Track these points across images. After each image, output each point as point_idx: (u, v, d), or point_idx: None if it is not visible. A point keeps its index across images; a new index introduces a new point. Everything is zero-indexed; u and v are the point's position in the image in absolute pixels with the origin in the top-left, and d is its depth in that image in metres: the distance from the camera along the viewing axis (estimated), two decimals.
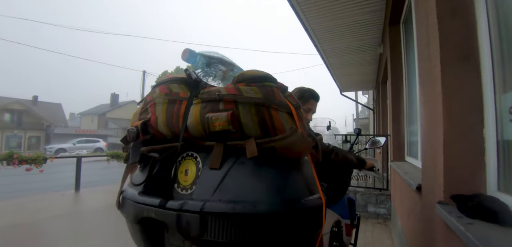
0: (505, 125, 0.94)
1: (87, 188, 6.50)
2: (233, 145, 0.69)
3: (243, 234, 0.61)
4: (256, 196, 0.63)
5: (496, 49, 0.99)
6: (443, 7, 1.16)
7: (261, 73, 0.73)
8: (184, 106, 0.74)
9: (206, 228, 0.61)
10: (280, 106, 0.70)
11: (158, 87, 0.83)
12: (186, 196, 0.68)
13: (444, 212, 0.98)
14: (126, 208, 0.81)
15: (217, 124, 0.67)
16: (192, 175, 0.70)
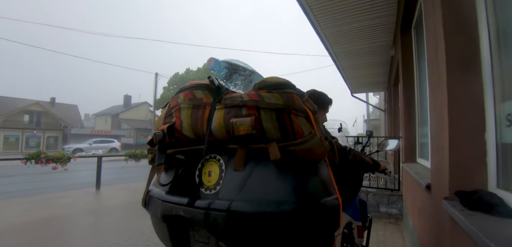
0: (503, 130, 1.06)
1: (107, 186, 6.84)
2: (256, 147, 0.73)
3: (268, 232, 0.65)
4: (279, 196, 0.67)
5: (495, 62, 1.12)
6: (449, 22, 1.29)
7: (281, 81, 0.78)
8: (208, 111, 0.79)
9: (232, 225, 0.65)
10: (299, 111, 0.74)
11: (182, 92, 0.87)
12: (210, 195, 0.72)
13: (449, 206, 1.12)
14: (154, 206, 0.83)
15: (242, 128, 0.71)
16: (215, 176, 0.74)
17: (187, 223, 0.74)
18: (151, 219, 0.91)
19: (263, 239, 0.66)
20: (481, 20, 1.19)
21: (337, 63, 6.31)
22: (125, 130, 38.09)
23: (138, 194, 6.11)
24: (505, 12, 1.09)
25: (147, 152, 0.96)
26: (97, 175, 6.71)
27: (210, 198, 0.71)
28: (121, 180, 7.96)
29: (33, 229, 3.63)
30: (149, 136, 0.88)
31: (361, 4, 3.62)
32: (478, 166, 1.16)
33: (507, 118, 1.02)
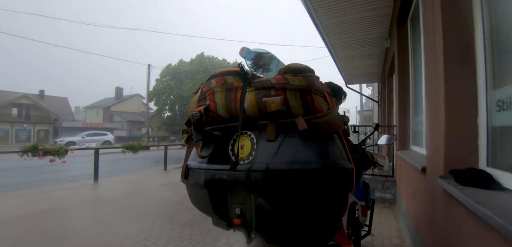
0: (493, 115, 1.20)
1: (104, 178, 6.86)
2: (284, 122, 0.84)
3: (298, 187, 0.78)
4: (307, 158, 0.79)
5: (489, 55, 1.24)
6: (447, 19, 1.41)
7: (303, 66, 0.90)
8: (240, 93, 0.89)
9: (270, 182, 0.78)
10: (318, 91, 0.86)
11: (214, 79, 0.97)
12: (245, 164, 0.83)
13: (444, 183, 1.26)
14: (195, 176, 0.93)
15: (273, 105, 0.83)
16: (247, 148, 0.85)
17: (227, 186, 0.87)
18: (188, 189, 1.02)
19: (294, 193, 0.78)
20: (477, 17, 1.31)
21: (333, 54, 6.42)
22: (117, 123, 37.63)
23: (135, 185, 6.19)
24: (498, 10, 1.21)
25: (182, 132, 1.07)
26: (94, 167, 6.72)
27: (247, 165, 0.82)
28: (117, 172, 7.97)
29: (34, 222, 3.68)
30: (190, 117, 0.95)
31: None
32: (471, 148, 1.30)
33: (497, 104, 1.16)
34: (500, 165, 1.15)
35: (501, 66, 1.18)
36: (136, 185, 6.26)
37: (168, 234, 3.12)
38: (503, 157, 1.14)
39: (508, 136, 1.11)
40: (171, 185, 6.08)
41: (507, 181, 1.06)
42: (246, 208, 0.85)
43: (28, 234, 3.16)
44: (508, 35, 1.14)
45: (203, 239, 2.97)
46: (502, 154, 1.15)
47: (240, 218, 0.86)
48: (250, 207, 0.84)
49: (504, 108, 1.10)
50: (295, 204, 0.80)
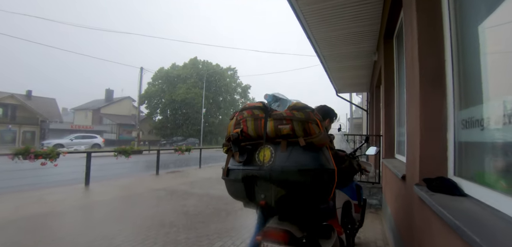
0: (460, 132, 1.40)
1: (95, 182, 6.82)
2: (291, 141, 1.26)
3: (301, 179, 1.19)
4: (305, 162, 1.21)
5: (456, 79, 1.45)
6: (422, 45, 1.61)
7: (304, 105, 1.32)
8: (263, 122, 1.30)
9: (285, 176, 1.20)
10: (313, 121, 1.26)
11: (245, 111, 1.37)
12: (268, 165, 1.25)
13: (418, 189, 1.44)
14: (235, 174, 1.35)
15: (284, 130, 1.25)
16: (268, 156, 1.27)
17: (256, 181, 1.28)
18: (228, 184, 1.42)
19: (298, 183, 1.20)
20: (447, 45, 1.51)
21: (325, 65, 6.69)
22: (107, 125, 36.96)
23: (127, 190, 6.20)
24: (463, 41, 1.42)
25: (223, 145, 1.47)
26: (86, 171, 6.69)
27: (269, 166, 1.24)
28: (109, 176, 7.92)
29: (25, 226, 3.69)
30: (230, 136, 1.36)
31: (349, 13, 3.96)
32: (441, 159, 1.49)
33: (462, 123, 1.35)
34: (464, 175, 1.34)
35: (466, 90, 1.38)
36: (129, 189, 6.26)
37: (164, 238, 3.20)
38: (467, 168, 1.34)
39: (470, 150, 1.31)
40: (164, 190, 6.12)
41: (468, 189, 1.25)
42: (268, 194, 1.25)
43: (20, 239, 3.18)
44: (471, 64, 1.35)
45: (199, 243, 3.08)
46: (466, 165, 1.35)
47: (264, 201, 1.26)
48: (271, 193, 1.24)
49: (467, 126, 1.30)
50: (299, 190, 1.21)
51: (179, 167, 10.93)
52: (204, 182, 7.38)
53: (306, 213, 1.37)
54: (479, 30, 1.30)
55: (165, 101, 37.96)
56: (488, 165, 1.19)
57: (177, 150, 10.00)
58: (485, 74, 1.22)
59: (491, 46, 1.20)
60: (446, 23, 1.53)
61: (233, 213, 4.39)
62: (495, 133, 1.07)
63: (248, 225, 3.70)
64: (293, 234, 1.27)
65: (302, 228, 1.33)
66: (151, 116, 39.31)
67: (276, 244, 1.24)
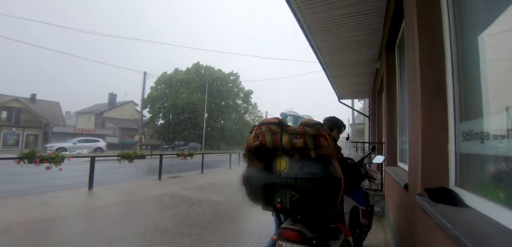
0: (460, 143, 1.43)
1: (98, 186, 6.87)
2: (304, 153, 1.41)
3: (312, 186, 1.35)
4: (316, 171, 1.36)
5: (457, 91, 1.49)
6: (423, 58, 1.66)
7: (314, 121, 1.49)
8: (279, 135, 1.48)
9: (299, 183, 1.36)
10: (322, 136, 1.42)
11: (263, 126, 1.54)
12: (284, 174, 1.41)
13: (420, 199, 1.48)
14: (255, 181, 1.51)
15: (298, 144, 1.42)
16: (283, 166, 1.43)
17: (274, 187, 1.44)
18: (248, 189, 1.57)
19: (310, 189, 1.36)
20: (447, 57, 1.56)
21: (327, 72, 6.75)
22: (109, 129, 37.15)
23: (131, 194, 6.24)
24: (465, 53, 1.46)
25: (244, 155, 1.61)
26: (90, 175, 6.75)
27: (285, 175, 1.41)
28: (111, 180, 7.97)
29: (31, 230, 3.74)
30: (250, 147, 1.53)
31: (352, 22, 4.03)
32: (443, 170, 1.53)
33: (463, 135, 1.39)
34: (465, 186, 1.38)
35: (467, 103, 1.42)
36: (132, 194, 6.31)
37: (168, 244, 3.23)
38: (468, 179, 1.37)
39: (471, 162, 1.34)
40: (167, 195, 6.16)
41: (469, 200, 1.28)
42: (284, 199, 1.41)
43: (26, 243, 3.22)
44: (471, 76, 1.39)
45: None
46: (467, 176, 1.38)
47: (280, 204, 1.42)
48: (286, 198, 1.40)
49: (468, 139, 1.34)
50: (310, 195, 1.37)
51: (181, 171, 10.97)
52: (206, 187, 7.41)
53: (316, 216, 1.56)
54: (479, 41, 1.34)
55: (168, 105, 38.17)
56: (488, 177, 1.23)
57: (180, 155, 10.04)
58: (485, 87, 1.26)
59: (491, 58, 1.25)
60: (446, 35, 1.58)
61: (235, 219, 4.42)
62: (494, 146, 1.11)
63: (250, 231, 3.72)
64: (305, 234, 1.44)
65: (312, 229, 1.50)
66: (153, 121, 39.52)
67: (290, 242, 1.43)
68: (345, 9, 3.64)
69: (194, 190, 6.89)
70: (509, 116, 1.05)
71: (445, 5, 1.58)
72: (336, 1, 3.46)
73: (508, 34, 1.12)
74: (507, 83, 1.12)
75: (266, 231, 3.74)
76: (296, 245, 1.42)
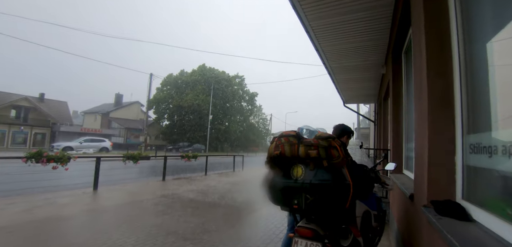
0: (467, 156, 1.41)
1: (103, 187, 6.94)
2: (317, 162, 1.61)
3: (324, 191, 1.55)
4: (328, 178, 1.57)
5: (464, 103, 1.46)
6: (431, 66, 1.64)
7: (326, 135, 1.69)
8: (296, 146, 1.68)
9: (313, 188, 1.56)
10: (334, 148, 1.61)
11: (283, 137, 1.75)
12: (300, 180, 1.63)
13: (426, 212, 1.45)
14: (275, 184, 1.71)
15: (312, 154, 1.61)
16: (300, 173, 1.65)
17: (291, 190, 1.64)
18: (268, 192, 1.77)
19: (323, 193, 1.56)
20: (455, 66, 1.54)
21: (332, 77, 6.72)
22: (115, 129, 37.58)
23: (135, 195, 6.28)
24: (473, 63, 1.44)
25: (266, 163, 1.82)
26: (95, 175, 6.82)
27: (301, 180, 1.62)
28: (116, 181, 8.05)
29: (37, 229, 3.79)
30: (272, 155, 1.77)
31: (358, 28, 4.00)
32: (449, 182, 1.50)
33: (470, 147, 1.37)
34: (472, 199, 1.35)
35: (475, 116, 1.39)
36: (136, 195, 6.35)
37: (172, 246, 3.24)
38: (474, 193, 1.34)
39: (479, 175, 1.32)
40: (170, 197, 6.19)
41: (476, 214, 1.25)
42: (300, 201, 1.61)
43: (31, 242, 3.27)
44: (479, 88, 1.37)
45: None
46: (474, 190, 1.35)
47: (297, 205, 1.62)
48: (302, 200, 1.60)
49: (475, 151, 1.31)
50: (323, 198, 1.57)
51: (185, 173, 11.02)
52: (209, 189, 7.42)
53: (328, 216, 1.72)
54: (488, 49, 1.32)
55: (173, 106, 38.48)
56: (495, 192, 1.20)
57: (184, 156, 10.08)
58: (494, 99, 1.24)
59: (500, 66, 1.22)
60: (454, 43, 1.55)
61: (239, 222, 4.41)
62: (502, 161, 1.08)
63: (252, 235, 3.71)
64: (318, 232, 1.62)
65: (325, 228, 1.68)
66: (158, 122, 39.84)
67: (304, 239, 1.62)
68: (351, 15, 3.63)
69: (197, 192, 6.90)
70: None
71: (453, 12, 1.56)
72: (342, 7, 3.45)
73: None
74: None
75: (269, 234, 3.72)
76: (310, 241, 1.60)
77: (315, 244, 1.59)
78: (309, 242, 1.60)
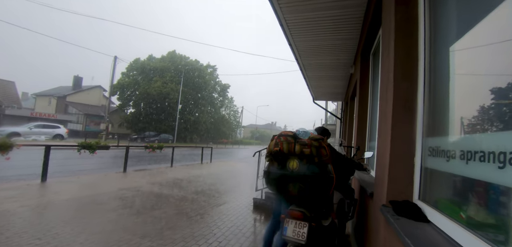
0: (426, 158, 1.45)
1: (54, 178, 6.28)
2: (310, 158, 1.91)
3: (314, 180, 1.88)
4: (317, 170, 1.89)
5: (427, 106, 1.50)
6: (398, 71, 1.66)
7: (318, 136, 2.00)
8: (293, 144, 1.97)
9: (305, 177, 1.87)
10: (323, 147, 1.94)
11: (282, 137, 2.05)
12: (295, 171, 1.91)
13: (385, 211, 1.47)
14: (273, 175, 2.00)
15: (306, 152, 1.91)
16: (295, 165, 1.92)
17: (287, 179, 1.92)
18: (266, 181, 2.10)
19: (313, 182, 1.87)
20: (420, 72, 1.57)
21: (304, 73, 6.80)
22: (73, 115, 34.40)
23: (90, 188, 5.78)
24: (437, 68, 1.47)
25: (266, 157, 2.20)
26: (43, 165, 6.11)
27: (296, 171, 1.90)
28: (69, 172, 7.34)
29: None
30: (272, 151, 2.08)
31: (331, 26, 4.04)
32: (408, 183, 1.54)
33: (429, 150, 1.40)
34: (428, 200, 1.39)
35: (434, 119, 1.43)
36: (91, 188, 5.83)
37: (127, 244, 3.00)
38: (430, 194, 1.39)
39: (435, 178, 1.36)
40: (130, 190, 5.79)
41: (431, 215, 1.29)
42: (294, 188, 1.90)
43: None
44: (440, 93, 1.40)
45: None
46: (430, 191, 1.40)
47: (291, 191, 1.91)
48: (295, 187, 1.90)
49: (433, 154, 1.35)
50: (313, 186, 1.87)
51: (150, 164, 10.47)
52: (174, 182, 7.12)
53: (314, 202, 2.00)
54: (450, 56, 1.35)
55: (139, 93, 36.24)
56: (450, 194, 1.24)
57: (148, 147, 9.54)
58: (453, 106, 1.27)
59: (459, 73, 1.26)
60: (421, 49, 1.58)
61: (202, 217, 4.26)
62: (457, 166, 1.11)
63: (215, 231, 3.60)
64: (306, 214, 1.93)
65: (310, 211, 1.98)
66: (122, 109, 37.32)
67: (295, 219, 1.93)
68: (326, 12, 3.63)
69: (161, 185, 6.57)
70: (473, 138, 1.06)
71: (422, 17, 1.58)
72: (317, 3, 3.43)
73: (476, 49, 1.13)
74: (470, 101, 1.13)
75: (232, 230, 3.65)
76: (299, 221, 1.91)
77: (303, 223, 1.90)
78: (298, 222, 1.91)
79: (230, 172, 10.23)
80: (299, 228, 1.90)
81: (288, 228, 1.92)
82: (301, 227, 1.89)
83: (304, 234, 1.87)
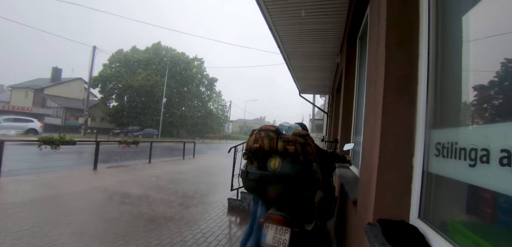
0: (431, 158, 1.01)
1: (10, 177, 5.59)
2: (294, 156, 1.74)
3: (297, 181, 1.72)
4: (303, 171, 1.74)
5: (431, 88, 1.06)
6: (391, 36, 1.21)
7: (303, 133, 1.82)
8: (275, 140, 1.78)
9: (287, 179, 1.70)
10: (309, 145, 1.77)
11: (263, 132, 1.82)
12: (278, 171, 1.71)
13: (371, 234, 1.03)
14: (252, 175, 1.78)
15: (290, 149, 1.73)
16: (277, 165, 1.73)
17: (267, 180, 1.73)
18: (245, 182, 1.86)
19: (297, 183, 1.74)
20: (422, 36, 1.12)
21: (288, 63, 6.34)
22: (51, 108, 32.61)
23: (53, 188, 5.13)
24: (446, 32, 1.03)
25: (243, 155, 1.93)
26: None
27: (278, 172, 1.72)
28: (33, 169, 6.61)
29: None
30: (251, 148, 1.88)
31: (313, 6, 3.59)
32: (403, 192, 1.10)
33: (436, 147, 0.97)
34: (431, 219, 0.96)
35: (444, 103, 1.00)
36: (53, 187, 5.18)
37: None
38: (436, 212, 0.96)
39: (443, 188, 0.93)
40: (99, 190, 5.19)
41: (436, 243, 0.85)
42: (275, 190, 1.73)
43: None
44: (453, 68, 0.97)
45: None
46: (435, 207, 0.97)
47: (271, 194, 1.75)
48: (276, 189, 1.73)
49: (443, 154, 0.91)
50: (296, 187, 1.75)
51: (125, 161, 9.78)
52: (150, 180, 6.53)
53: (297, 205, 1.85)
54: (463, 22, 0.92)
55: (122, 86, 34.74)
56: (465, 215, 0.81)
57: (121, 142, 8.85)
58: (476, 80, 0.84)
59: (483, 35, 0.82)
60: (424, 11, 1.14)
61: (179, 220, 3.75)
62: (482, 174, 0.67)
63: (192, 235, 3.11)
64: (287, 218, 1.72)
65: (292, 215, 1.77)
66: (104, 102, 35.73)
67: (275, 224, 1.71)
68: None
69: (133, 184, 5.98)
70: (507, 129, 0.62)
71: None
72: None
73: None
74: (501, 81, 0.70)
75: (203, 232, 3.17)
76: (280, 226, 1.70)
77: (285, 228, 1.68)
78: (279, 227, 1.70)
79: (211, 168, 9.71)
80: (280, 235, 1.67)
81: (268, 234, 1.69)
82: (283, 233, 1.67)
83: (286, 241, 1.64)
